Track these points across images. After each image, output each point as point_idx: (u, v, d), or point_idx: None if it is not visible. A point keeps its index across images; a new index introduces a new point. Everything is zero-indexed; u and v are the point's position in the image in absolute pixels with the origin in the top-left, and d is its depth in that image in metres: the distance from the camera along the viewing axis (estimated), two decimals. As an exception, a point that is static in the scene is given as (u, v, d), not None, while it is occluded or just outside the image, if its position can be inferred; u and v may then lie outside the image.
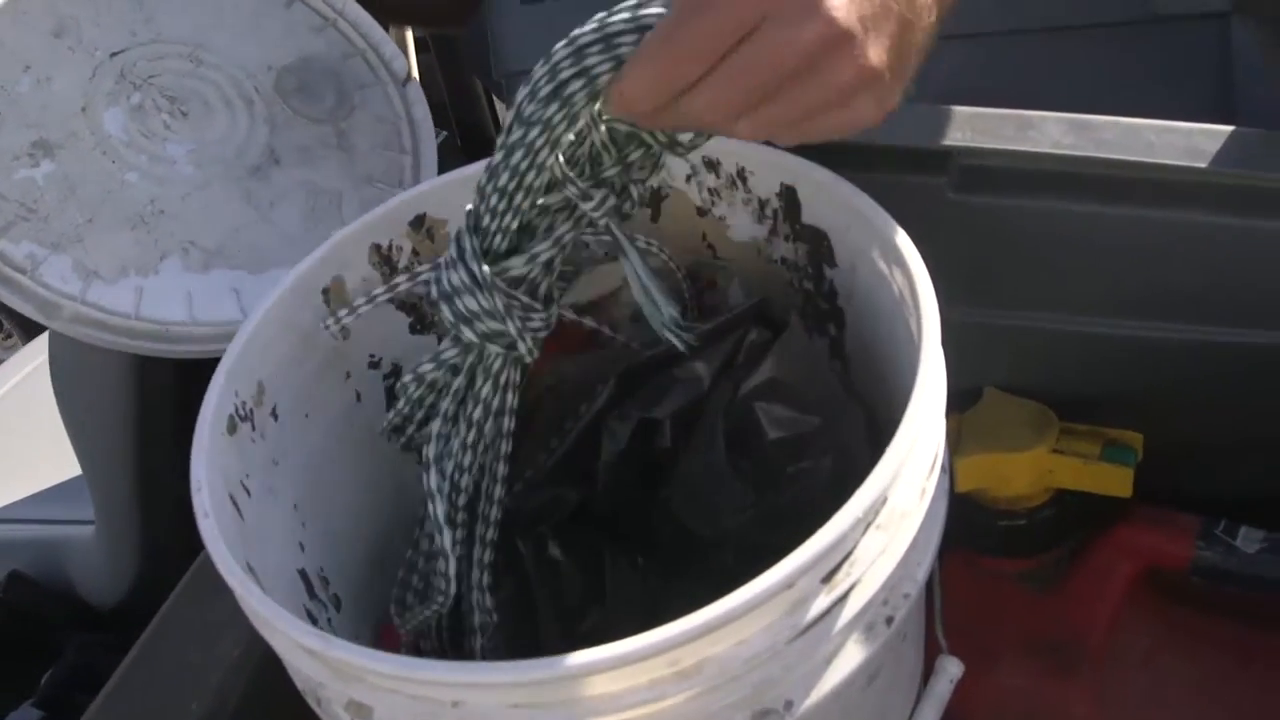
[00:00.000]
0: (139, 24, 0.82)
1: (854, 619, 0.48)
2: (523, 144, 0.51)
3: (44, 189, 0.75)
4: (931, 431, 0.51)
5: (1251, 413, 0.69)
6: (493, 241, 0.54)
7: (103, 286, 0.74)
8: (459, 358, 0.56)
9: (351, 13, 0.87)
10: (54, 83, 0.78)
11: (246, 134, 0.81)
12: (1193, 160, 0.62)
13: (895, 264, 0.56)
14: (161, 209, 0.77)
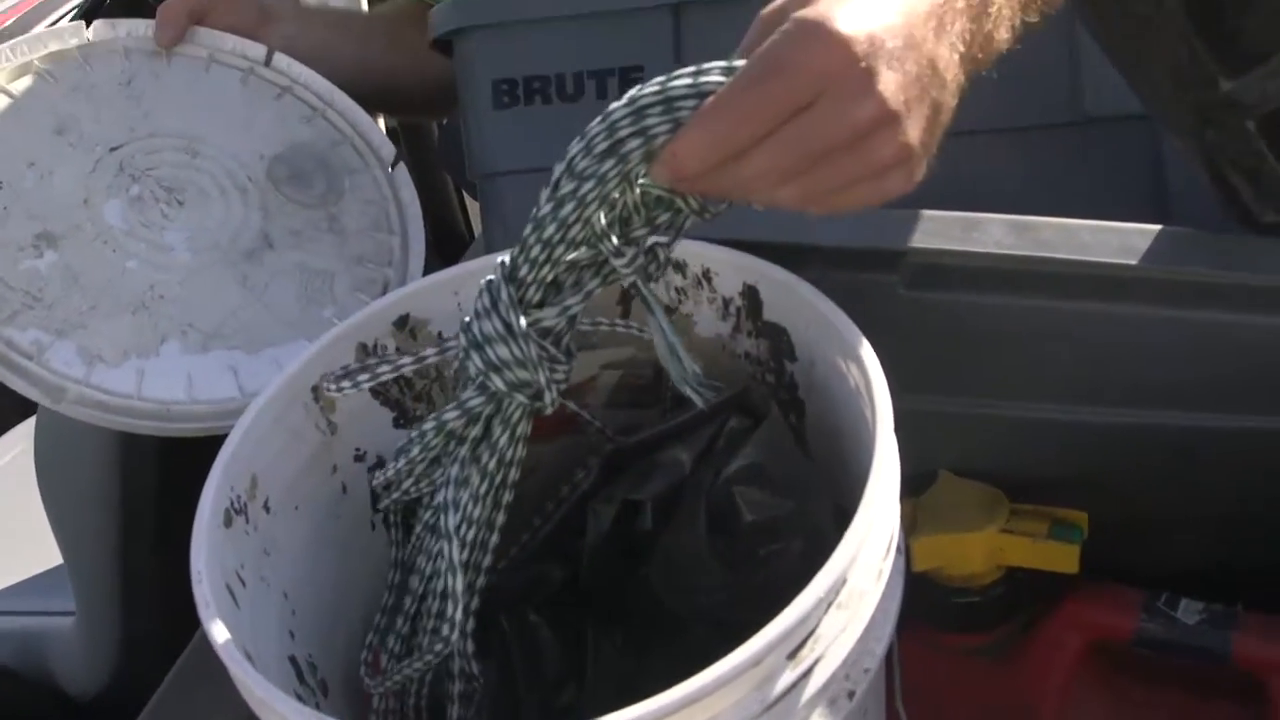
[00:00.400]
0: (137, 120, 0.87)
1: (817, 693, 0.52)
2: (574, 197, 0.54)
3: (48, 278, 0.78)
4: (887, 515, 0.55)
5: (1187, 491, 0.73)
6: (527, 292, 0.56)
7: (105, 369, 0.77)
8: (482, 406, 0.58)
9: (339, 102, 0.92)
10: (56, 177, 0.82)
11: (241, 220, 0.86)
12: (1125, 258, 0.66)
13: (851, 359, 0.60)
14: (161, 294, 0.81)
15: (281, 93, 0.93)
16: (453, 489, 0.59)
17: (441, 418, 0.59)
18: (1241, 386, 0.69)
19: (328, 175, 0.89)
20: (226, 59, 0.94)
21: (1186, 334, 0.68)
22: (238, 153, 0.89)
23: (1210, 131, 0.61)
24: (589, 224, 0.55)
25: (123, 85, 0.89)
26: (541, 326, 0.57)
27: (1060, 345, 0.70)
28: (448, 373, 0.67)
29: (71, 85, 0.88)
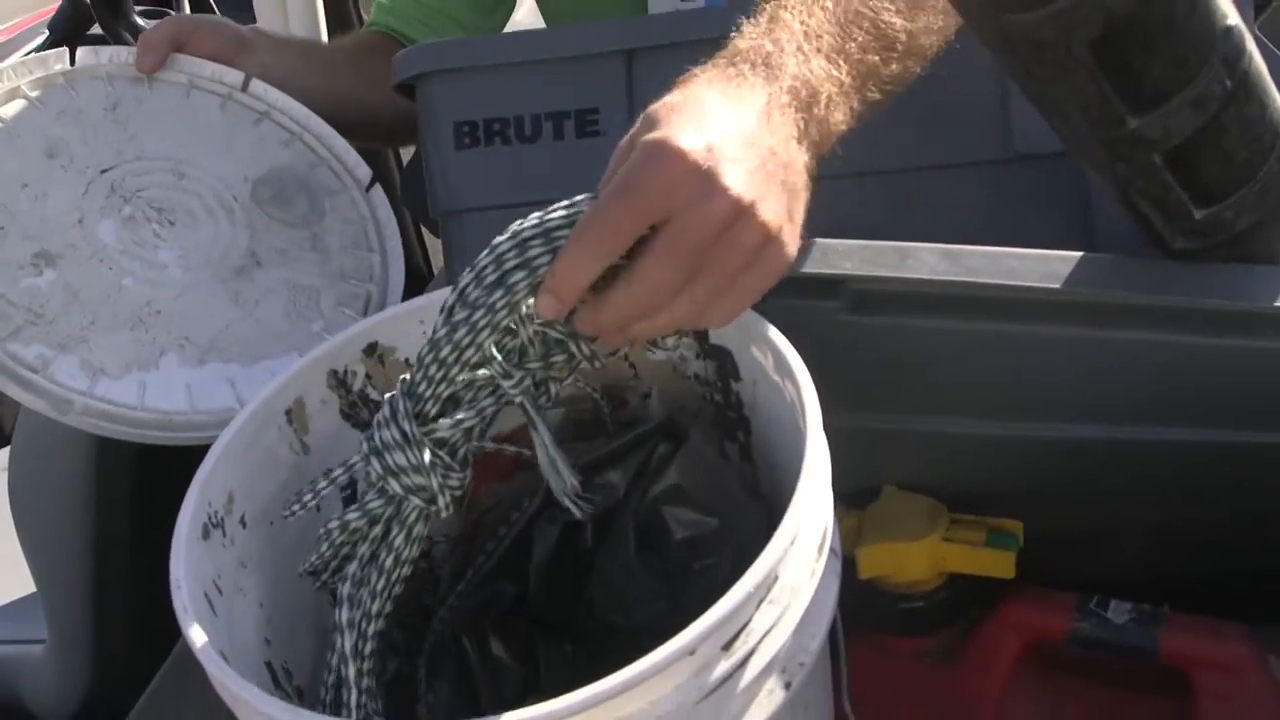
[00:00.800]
0: (124, 143, 0.91)
1: (752, 683, 0.56)
2: (466, 323, 0.60)
3: (48, 295, 0.82)
4: (818, 515, 0.59)
5: (1113, 501, 0.77)
6: (425, 406, 0.62)
7: (109, 382, 0.81)
8: (382, 509, 0.63)
9: (315, 127, 0.97)
10: (50, 198, 0.86)
11: (229, 239, 0.90)
12: (1049, 282, 0.71)
13: (785, 375, 0.64)
14: (157, 309, 0.85)
15: (260, 118, 0.97)
16: (349, 586, 0.63)
17: (345, 518, 0.64)
18: (1158, 402, 0.73)
19: (309, 196, 0.94)
20: (205, 85, 0.98)
21: (1106, 353, 0.72)
22: (222, 174, 0.93)
23: (1121, 165, 0.66)
24: (480, 348, 0.61)
25: (108, 110, 0.93)
26: (436, 437, 0.62)
27: (991, 365, 0.75)
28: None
29: (59, 109, 0.92)
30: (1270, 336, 0.69)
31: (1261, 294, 0.68)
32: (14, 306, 0.81)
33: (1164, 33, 0.59)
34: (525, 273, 0.60)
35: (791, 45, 0.64)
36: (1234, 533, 0.79)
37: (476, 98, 0.94)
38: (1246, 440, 0.73)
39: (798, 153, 0.62)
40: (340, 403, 0.73)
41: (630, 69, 0.92)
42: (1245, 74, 0.62)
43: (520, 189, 0.95)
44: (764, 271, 0.60)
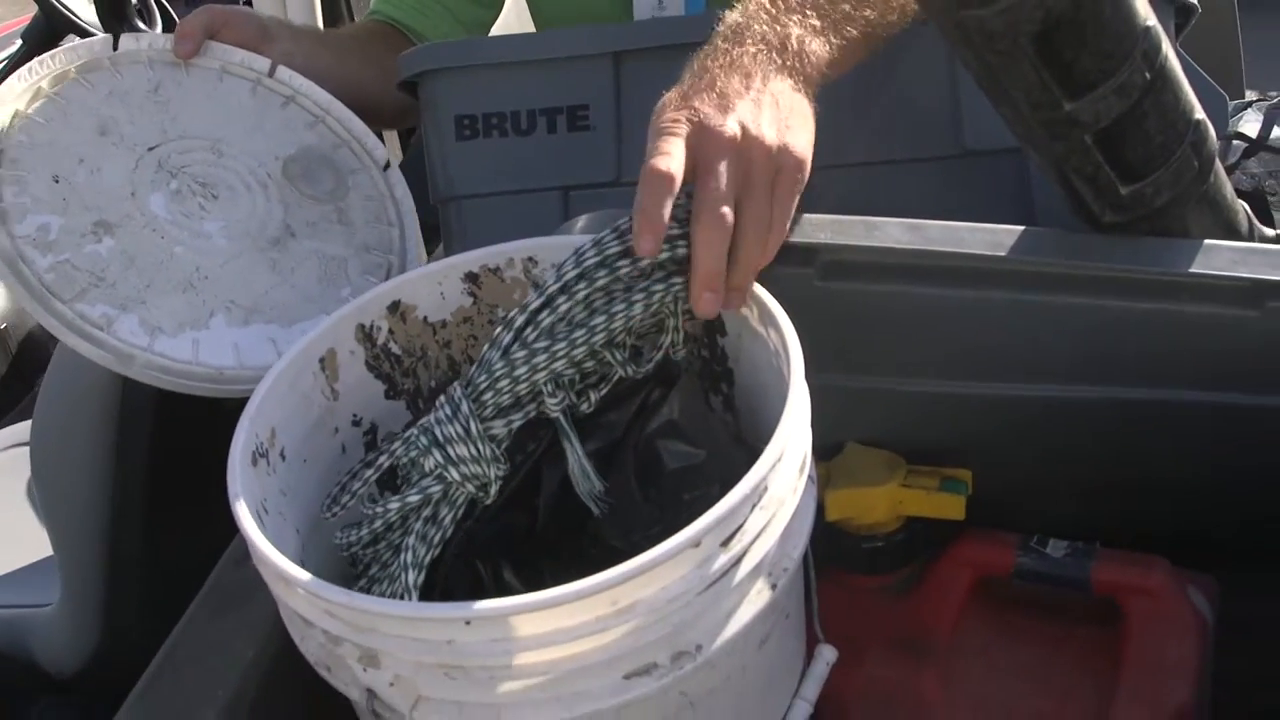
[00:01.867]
0: (167, 123, 0.98)
1: (746, 579, 0.64)
2: (528, 362, 0.70)
3: (108, 261, 0.89)
4: (799, 441, 0.68)
5: (1050, 454, 0.87)
6: (485, 410, 0.71)
7: (166, 339, 0.88)
8: (438, 492, 0.71)
9: (336, 110, 1.05)
10: (104, 173, 0.93)
11: (266, 212, 0.97)
12: (995, 250, 0.81)
13: (769, 325, 0.73)
14: (205, 275, 0.92)
15: (286, 101, 1.05)
16: (414, 549, 0.71)
17: (406, 499, 0.71)
18: (1090, 362, 0.83)
19: (334, 174, 1.01)
20: (236, 70, 1.05)
21: (1045, 317, 0.82)
22: (255, 153, 1.00)
23: (1058, 145, 0.76)
24: (539, 381, 0.71)
25: (151, 91, 1.00)
26: (491, 434, 0.71)
27: (945, 328, 0.84)
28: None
29: (108, 90, 0.98)
30: (1186, 301, 0.79)
31: (1179, 263, 0.78)
32: (79, 270, 0.88)
33: (1093, 29, 0.69)
34: (585, 332, 0.70)
35: (760, 14, 0.80)
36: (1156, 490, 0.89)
37: (476, 93, 1.03)
38: (1167, 398, 0.83)
39: (781, 82, 0.76)
40: (366, 355, 0.81)
41: (618, 69, 1.02)
42: (1162, 68, 0.73)
43: (516, 178, 1.04)
44: (786, 175, 0.73)
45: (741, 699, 0.71)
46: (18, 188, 0.90)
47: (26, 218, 0.89)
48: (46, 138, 0.94)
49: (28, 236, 0.88)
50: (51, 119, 0.94)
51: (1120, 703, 0.80)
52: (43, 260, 0.88)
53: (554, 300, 0.70)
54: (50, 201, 0.91)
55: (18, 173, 0.91)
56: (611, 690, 0.63)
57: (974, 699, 0.84)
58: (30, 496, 1.41)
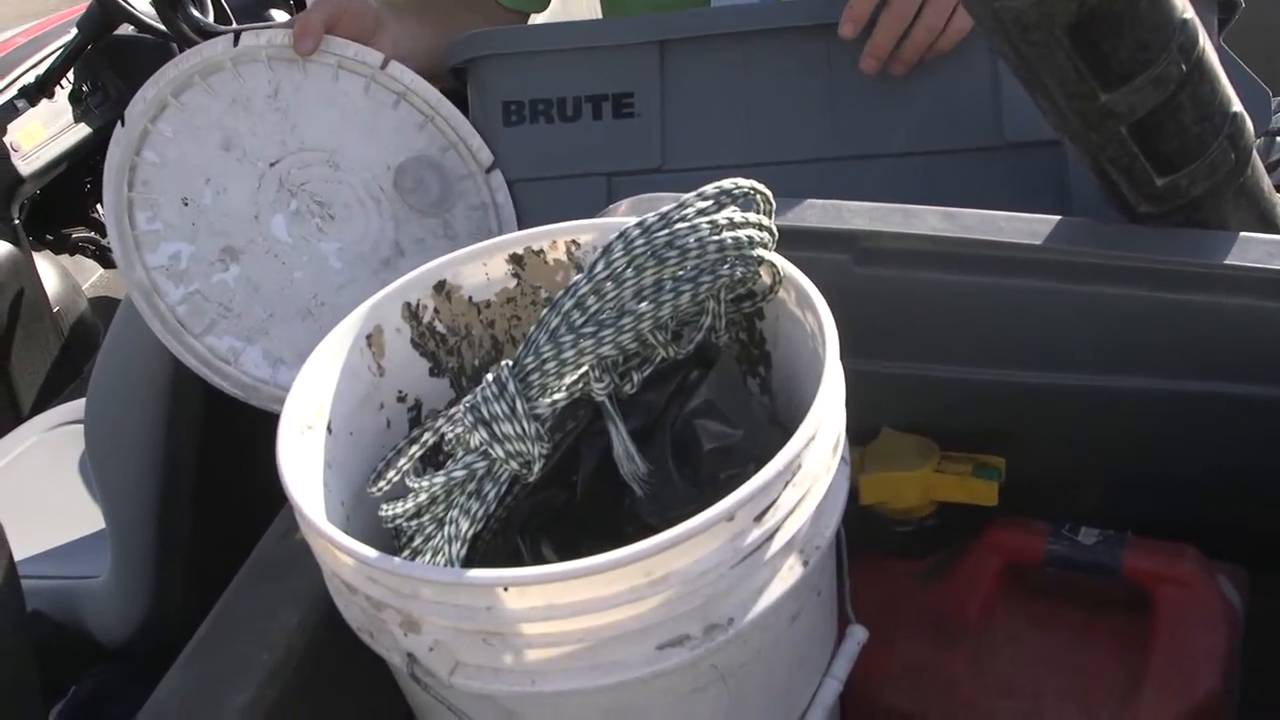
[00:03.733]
0: (286, 133, 0.99)
1: (778, 554, 0.66)
2: (574, 347, 0.71)
3: (234, 290, 0.92)
4: (833, 421, 0.69)
5: (1082, 443, 0.88)
6: (531, 390, 0.72)
7: (287, 370, 0.91)
8: (483, 469, 0.72)
9: (444, 109, 1.05)
10: (229, 193, 0.95)
11: (378, 231, 0.99)
12: (1031, 239, 0.82)
13: (806, 308, 0.75)
14: (322, 301, 0.94)
15: (398, 99, 1.04)
16: (450, 527, 0.73)
17: (452, 474, 0.73)
18: (1122, 352, 0.84)
19: (442, 182, 1.02)
20: (351, 65, 1.04)
21: (1078, 306, 0.83)
22: (369, 163, 1.01)
23: (1094, 135, 0.77)
24: (587, 365, 0.72)
25: (270, 97, 1.01)
26: (536, 413, 0.72)
27: (980, 316, 0.85)
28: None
29: (230, 98, 0.99)
30: (1221, 293, 0.80)
31: (1214, 255, 0.79)
32: (208, 301, 0.91)
33: (1129, 20, 0.70)
34: (633, 319, 0.71)
35: None
36: (1187, 482, 0.90)
37: (524, 80, 1.05)
38: (1199, 390, 0.84)
39: None
40: (411, 333, 0.83)
41: (663, 58, 1.03)
42: (1199, 60, 0.73)
43: (561, 163, 1.06)
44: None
45: (772, 674, 0.73)
46: (150, 213, 0.93)
47: (160, 246, 0.92)
48: (175, 155, 0.95)
49: (161, 267, 0.91)
50: (179, 134, 0.96)
51: (1148, 690, 0.80)
52: (175, 292, 0.90)
53: (602, 288, 0.71)
54: (181, 227, 0.93)
55: (150, 196, 0.93)
56: (645, 660, 0.64)
57: (1003, 682, 0.85)
58: (82, 472, 1.45)
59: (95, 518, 1.37)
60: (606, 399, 0.75)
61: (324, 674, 0.79)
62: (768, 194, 0.74)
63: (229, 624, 0.79)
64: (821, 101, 1.03)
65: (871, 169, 1.02)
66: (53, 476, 1.43)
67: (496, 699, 0.67)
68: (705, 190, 0.73)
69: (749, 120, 1.05)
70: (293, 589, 0.80)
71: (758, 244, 0.73)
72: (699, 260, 0.71)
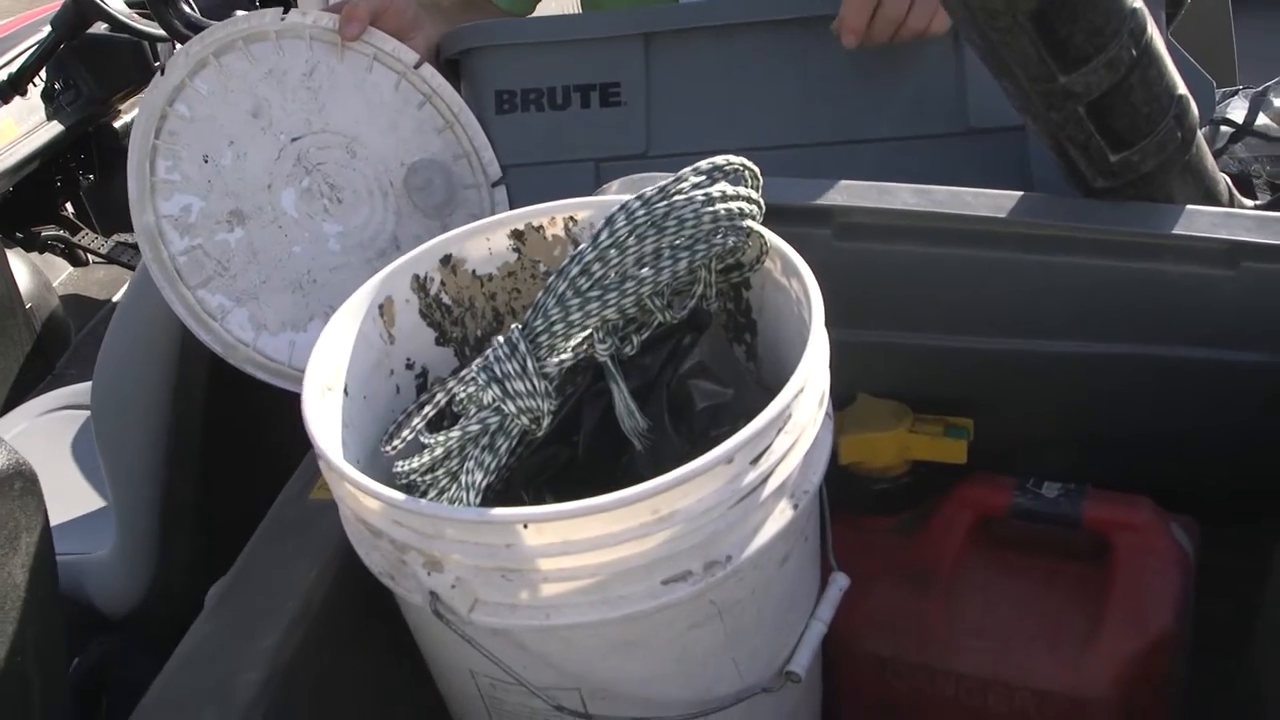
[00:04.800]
0: (313, 113, 1.03)
1: (771, 497, 0.71)
2: (581, 309, 0.77)
3: (235, 251, 0.96)
4: (819, 378, 0.75)
5: (1044, 404, 0.94)
6: (540, 350, 0.78)
7: (268, 337, 0.96)
8: (495, 425, 0.78)
9: (465, 118, 1.09)
10: (249, 159, 0.99)
11: (380, 222, 1.03)
12: (996, 213, 0.88)
13: (792, 275, 0.81)
14: (314, 278, 0.98)
15: (424, 101, 1.08)
16: (466, 477, 0.78)
17: (466, 428, 0.78)
18: (1085, 318, 0.90)
19: (449, 187, 1.06)
20: (387, 60, 1.07)
21: (1042, 276, 0.89)
22: (385, 156, 1.05)
23: (1054, 115, 0.83)
24: (593, 327, 0.78)
25: (305, 75, 1.04)
26: (545, 372, 0.78)
27: (950, 286, 0.92)
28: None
29: (268, 68, 1.02)
30: (1169, 261, 0.86)
31: (1162, 225, 0.86)
32: (208, 257, 0.95)
33: (1084, 6, 0.76)
34: (635, 283, 0.77)
35: None
36: (1142, 442, 0.96)
37: (515, 70, 1.11)
38: (1150, 353, 0.91)
39: None
40: (420, 304, 0.88)
41: (648, 50, 1.09)
42: (1148, 46, 0.80)
43: (552, 149, 1.12)
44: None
45: (763, 613, 0.78)
46: (171, 163, 0.97)
47: (173, 196, 0.96)
48: (206, 113, 0.99)
49: (170, 216, 0.95)
50: (213, 92, 1.00)
51: (1108, 627, 0.87)
52: (179, 242, 0.95)
53: (606, 254, 0.77)
54: (197, 182, 0.97)
55: (174, 147, 0.97)
56: (650, 594, 0.70)
57: (974, 627, 0.91)
58: (75, 455, 1.49)
59: (92, 499, 1.40)
60: (609, 360, 0.80)
61: (341, 622, 0.84)
62: (755, 170, 0.80)
63: (251, 577, 0.85)
64: (798, 91, 1.09)
65: (846, 155, 1.08)
66: (47, 459, 1.46)
67: (512, 633, 0.72)
68: (700, 165, 0.79)
69: (730, 109, 1.11)
70: (310, 545, 0.85)
71: (748, 215, 0.79)
72: (695, 230, 0.77)
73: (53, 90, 2.68)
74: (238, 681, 0.75)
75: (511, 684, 0.76)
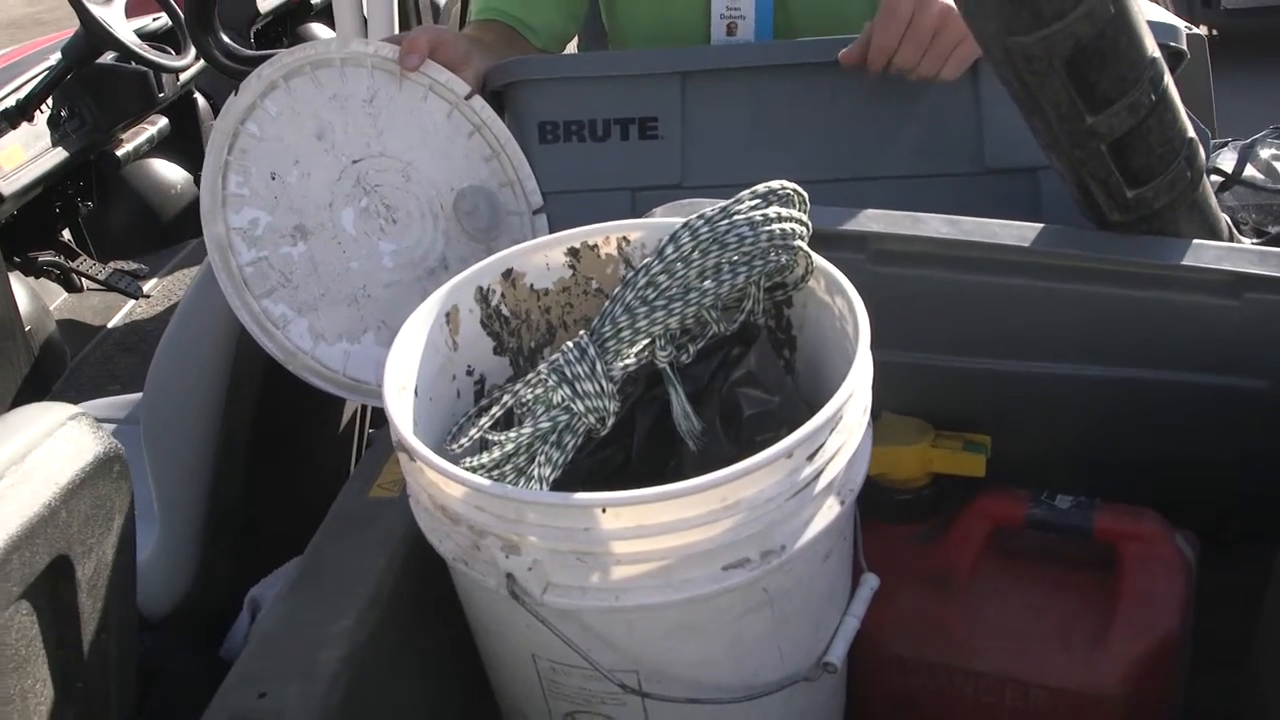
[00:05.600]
0: (373, 136, 1.09)
1: (824, 490, 0.77)
2: (647, 317, 0.83)
3: (297, 264, 1.02)
4: (865, 385, 0.82)
5: (1058, 424, 1.01)
6: (607, 355, 0.84)
7: (325, 347, 1.02)
8: (563, 423, 0.83)
9: (510, 149, 1.14)
10: (312, 178, 1.05)
11: (430, 243, 1.09)
12: (1021, 243, 0.95)
13: (836, 293, 0.87)
14: (369, 293, 1.04)
15: (474, 131, 1.13)
16: (538, 470, 0.83)
17: (538, 425, 0.83)
18: (1098, 344, 0.98)
19: (493, 213, 1.11)
20: (441, 90, 1.12)
21: (1060, 302, 0.96)
22: (436, 181, 1.10)
23: (1079, 152, 0.90)
24: (655, 334, 0.85)
25: (366, 102, 1.10)
26: (611, 374, 0.84)
27: (974, 310, 0.98)
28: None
29: (331, 93, 1.08)
30: (1177, 291, 0.94)
31: (1172, 257, 0.93)
32: (273, 269, 1.01)
33: (1112, 55, 0.84)
34: (698, 294, 0.83)
35: None
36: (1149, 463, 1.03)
37: (558, 103, 1.17)
38: (1158, 378, 0.98)
39: None
40: (481, 314, 0.94)
41: (684, 87, 1.16)
42: (1164, 92, 0.88)
43: (591, 178, 1.19)
44: (949, 32, 1.07)
45: (807, 605, 0.84)
46: (241, 178, 1.03)
47: (243, 209, 1.02)
48: (274, 133, 1.05)
49: (239, 229, 1.01)
50: (281, 115, 1.06)
51: (1116, 629, 0.94)
52: (246, 254, 1.01)
53: (673, 267, 0.83)
54: (265, 197, 1.03)
55: (244, 163, 1.03)
56: (712, 578, 0.76)
57: (991, 629, 0.97)
58: None
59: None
60: (668, 365, 0.87)
61: (407, 609, 0.89)
62: (804, 195, 0.87)
63: (321, 565, 0.89)
64: (824, 129, 1.16)
65: (868, 190, 1.15)
66: None
67: (580, 614, 0.78)
68: (756, 189, 0.86)
69: (759, 144, 1.18)
70: (374, 537, 0.91)
71: (798, 235, 0.86)
72: (752, 247, 0.84)
73: (58, 117, 2.73)
74: (319, 658, 0.80)
75: (572, 667, 0.81)
